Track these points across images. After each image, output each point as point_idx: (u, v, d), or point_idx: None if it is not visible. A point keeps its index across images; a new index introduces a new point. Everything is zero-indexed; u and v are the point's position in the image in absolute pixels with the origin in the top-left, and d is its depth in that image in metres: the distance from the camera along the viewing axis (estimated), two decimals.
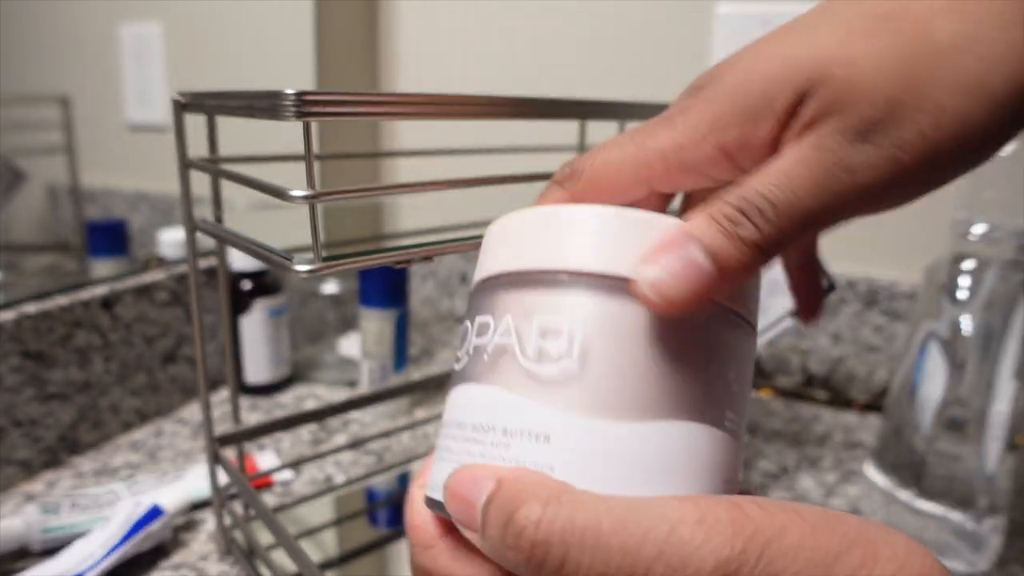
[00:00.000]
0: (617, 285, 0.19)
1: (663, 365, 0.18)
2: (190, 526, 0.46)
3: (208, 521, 0.47)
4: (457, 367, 0.21)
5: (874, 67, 0.18)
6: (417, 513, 0.21)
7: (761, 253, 0.18)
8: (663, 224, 0.19)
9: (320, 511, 0.49)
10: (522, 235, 0.20)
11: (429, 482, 0.21)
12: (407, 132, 0.90)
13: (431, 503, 0.20)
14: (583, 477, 0.18)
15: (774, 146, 0.20)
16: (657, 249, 0.18)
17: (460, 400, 0.20)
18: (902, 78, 0.18)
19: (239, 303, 0.63)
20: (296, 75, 0.78)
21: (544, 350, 0.18)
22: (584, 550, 0.16)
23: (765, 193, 0.18)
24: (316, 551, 0.45)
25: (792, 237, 0.18)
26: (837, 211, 0.19)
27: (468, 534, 0.18)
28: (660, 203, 0.28)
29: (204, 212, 0.38)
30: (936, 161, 0.18)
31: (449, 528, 0.21)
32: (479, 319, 0.20)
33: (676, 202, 0.30)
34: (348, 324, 0.77)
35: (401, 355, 0.61)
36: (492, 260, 0.21)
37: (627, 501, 0.16)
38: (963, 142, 0.18)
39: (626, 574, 0.15)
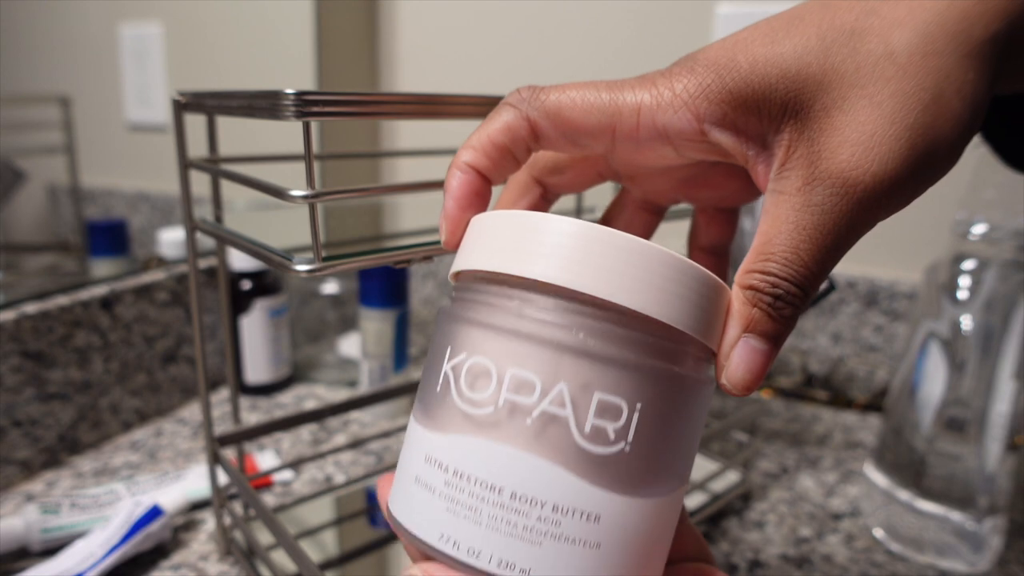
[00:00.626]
0: (668, 369, 0.19)
1: (687, 440, 0.20)
2: (190, 526, 0.46)
3: (208, 521, 0.47)
4: (467, 409, 0.19)
5: (842, 98, 0.20)
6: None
7: (794, 323, 0.21)
8: (718, 288, 0.20)
9: (320, 511, 0.48)
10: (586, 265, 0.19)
11: (427, 523, 0.19)
12: (407, 132, 0.90)
13: (427, 547, 0.19)
14: (624, 551, 0.19)
15: (760, 141, 0.21)
16: (727, 346, 0.20)
17: (491, 458, 0.19)
18: (873, 108, 0.20)
19: (239, 303, 0.63)
20: (296, 75, 0.78)
21: (601, 430, 0.18)
22: None
23: (792, 279, 0.20)
24: (316, 551, 0.45)
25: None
26: (845, 250, 0.21)
27: None
28: (648, 219, 0.29)
29: (204, 212, 0.38)
30: (916, 174, 0.20)
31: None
32: (515, 372, 0.19)
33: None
34: (348, 324, 0.77)
35: (401, 355, 0.61)
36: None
37: None
38: (932, 154, 0.20)
39: None
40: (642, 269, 0.19)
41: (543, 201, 0.28)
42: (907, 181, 0.20)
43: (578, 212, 0.37)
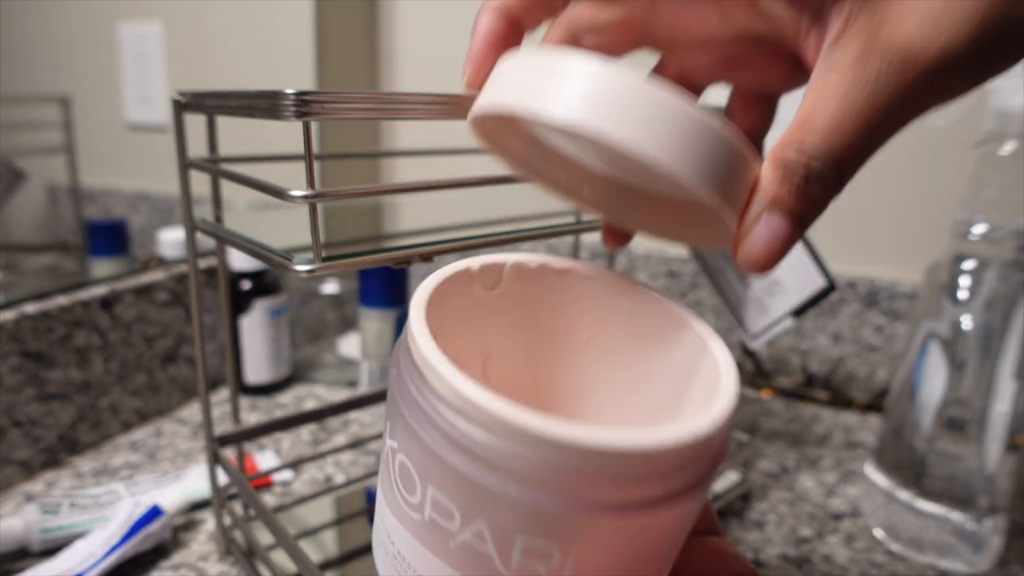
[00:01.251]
0: (616, 509, 0.16)
1: (654, 565, 0.18)
2: (190, 526, 0.46)
3: (208, 521, 0.47)
4: (405, 508, 0.18)
5: None
6: None
7: (827, 204, 0.20)
8: (749, 167, 0.19)
9: (320, 511, 0.48)
10: None
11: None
12: (407, 132, 0.90)
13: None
14: None
15: (815, 9, 0.20)
16: (749, 219, 0.20)
17: (425, 560, 0.18)
18: None
19: (239, 303, 0.63)
20: (296, 75, 0.78)
21: (530, 569, 0.17)
22: None
23: (832, 154, 0.19)
24: (316, 551, 0.45)
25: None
26: (892, 134, 0.20)
27: None
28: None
29: (204, 212, 0.38)
30: (984, 55, 0.19)
31: None
32: (434, 494, 0.17)
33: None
34: (348, 324, 0.77)
35: None
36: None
37: None
38: (1007, 35, 0.18)
39: None
40: (673, 122, 0.17)
41: None
42: (975, 61, 0.19)
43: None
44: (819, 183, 0.19)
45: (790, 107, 0.24)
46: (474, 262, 0.23)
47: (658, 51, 0.26)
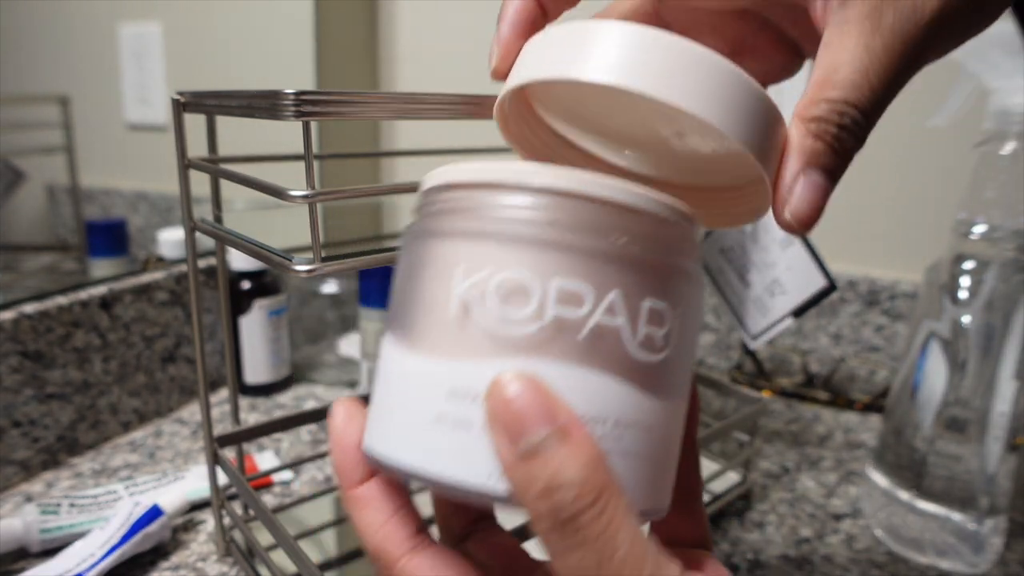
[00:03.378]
0: (695, 269, 0.19)
1: (694, 349, 0.20)
2: (189, 526, 0.46)
3: (207, 521, 0.47)
4: (511, 332, 0.17)
5: None
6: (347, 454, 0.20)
7: (854, 155, 0.21)
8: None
9: (320, 511, 0.48)
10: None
11: (489, 469, 0.17)
12: (407, 132, 0.90)
13: (428, 479, 0.17)
14: (655, 459, 0.18)
15: None
16: (787, 178, 0.20)
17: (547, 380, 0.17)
18: None
19: (239, 303, 0.63)
20: (296, 75, 0.78)
21: (651, 339, 0.18)
22: (601, 549, 0.16)
23: (858, 104, 0.20)
24: (316, 551, 0.45)
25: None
26: (906, 81, 0.21)
27: (497, 439, 0.16)
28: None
29: (204, 212, 0.38)
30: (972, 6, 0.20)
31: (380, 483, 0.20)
32: (561, 284, 0.17)
33: None
34: (348, 324, 0.77)
35: None
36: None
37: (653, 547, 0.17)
38: None
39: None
40: (709, 78, 0.18)
41: None
42: (972, 7, 0.20)
43: None
44: (851, 135, 0.20)
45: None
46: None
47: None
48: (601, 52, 0.18)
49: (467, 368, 0.17)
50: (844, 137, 0.20)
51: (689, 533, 0.22)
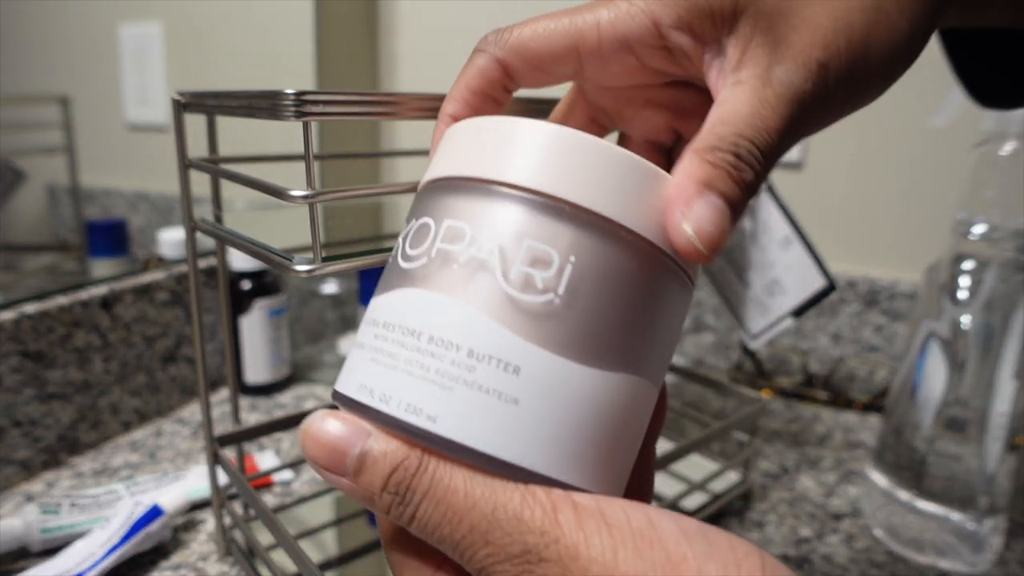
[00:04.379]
0: (611, 230, 0.18)
1: (633, 317, 0.19)
2: (190, 526, 0.46)
3: (208, 521, 0.47)
4: (405, 265, 0.19)
5: None
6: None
7: (752, 195, 0.20)
8: (657, 173, 0.19)
9: (320, 511, 0.48)
10: (512, 147, 0.19)
11: (351, 377, 0.19)
12: (407, 132, 0.90)
13: (344, 399, 0.19)
14: (545, 415, 0.18)
15: (716, 44, 0.21)
16: (681, 200, 0.19)
17: (416, 304, 0.18)
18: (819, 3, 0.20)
19: (239, 303, 0.63)
20: (296, 75, 0.78)
21: (530, 279, 0.18)
22: (435, 499, 0.17)
23: (752, 139, 0.20)
24: (316, 551, 0.45)
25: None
26: (797, 139, 0.21)
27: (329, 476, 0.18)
28: (658, 159, 0.28)
29: (204, 212, 0.38)
30: (853, 75, 0.21)
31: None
32: (449, 223, 0.19)
33: None
34: (348, 324, 0.77)
35: None
36: (464, 160, 0.20)
37: (491, 483, 0.17)
38: (865, 57, 0.21)
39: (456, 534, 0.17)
40: (601, 168, 0.18)
41: None
42: (843, 80, 0.21)
43: None
44: (749, 167, 0.20)
45: None
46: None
47: (614, 126, 0.28)
48: (510, 153, 0.19)
49: (377, 300, 0.20)
50: (742, 167, 0.19)
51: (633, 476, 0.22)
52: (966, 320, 0.43)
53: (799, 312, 0.52)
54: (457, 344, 0.17)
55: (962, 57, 0.30)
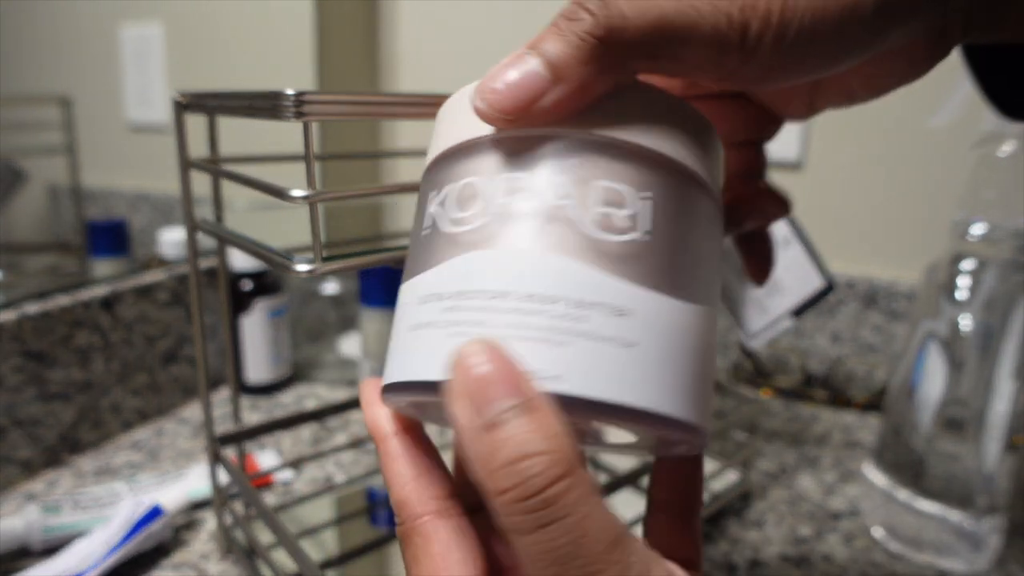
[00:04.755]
0: (673, 166, 0.18)
1: (703, 248, 0.19)
2: (191, 526, 0.46)
3: (209, 520, 0.47)
4: (455, 229, 0.18)
5: None
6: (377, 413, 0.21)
7: (602, 45, 0.17)
8: (697, 112, 0.19)
9: (320, 511, 0.49)
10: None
11: (431, 362, 0.17)
12: (407, 132, 0.90)
13: (429, 387, 0.17)
14: (665, 355, 0.17)
15: None
16: (500, 65, 0.18)
17: (491, 266, 0.17)
18: None
19: (239, 303, 0.63)
20: (296, 75, 0.78)
21: (609, 219, 0.17)
22: (570, 537, 0.15)
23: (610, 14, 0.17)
24: (316, 551, 0.45)
25: (640, 29, 0.17)
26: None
27: (460, 408, 0.15)
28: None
29: (204, 212, 0.38)
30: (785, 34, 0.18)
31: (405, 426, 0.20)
32: (507, 175, 0.17)
33: None
34: (348, 324, 0.77)
35: None
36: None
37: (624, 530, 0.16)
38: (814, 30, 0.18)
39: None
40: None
41: None
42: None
43: None
44: (585, 19, 0.17)
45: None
46: None
47: None
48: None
49: (429, 276, 0.18)
50: (579, 15, 0.17)
51: (681, 549, 0.21)
52: (965, 320, 0.43)
53: (798, 312, 0.52)
54: (558, 296, 0.16)
55: (988, 72, 0.29)
